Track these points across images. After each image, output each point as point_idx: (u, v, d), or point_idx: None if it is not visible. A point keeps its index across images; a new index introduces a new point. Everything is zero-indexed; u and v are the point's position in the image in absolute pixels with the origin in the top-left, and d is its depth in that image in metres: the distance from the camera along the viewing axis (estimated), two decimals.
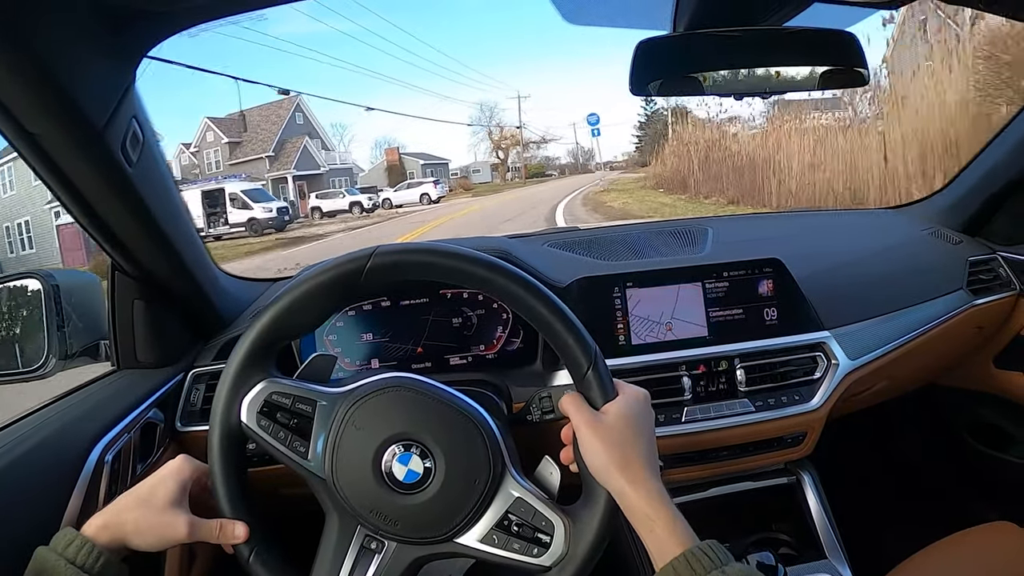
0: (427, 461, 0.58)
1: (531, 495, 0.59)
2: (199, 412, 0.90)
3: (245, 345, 0.60)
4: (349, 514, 0.59)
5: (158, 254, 0.81)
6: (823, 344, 0.96)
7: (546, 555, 0.58)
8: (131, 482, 0.79)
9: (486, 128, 48.23)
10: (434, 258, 0.60)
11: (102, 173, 0.68)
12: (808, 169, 8.34)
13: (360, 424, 0.59)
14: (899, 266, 1.10)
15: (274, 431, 0.59)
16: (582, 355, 0.59)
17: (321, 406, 0.60)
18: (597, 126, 31.08)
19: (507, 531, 0.58)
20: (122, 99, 0.67)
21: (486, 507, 0.59)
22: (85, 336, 0.86)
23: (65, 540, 0.56)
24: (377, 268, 0.59)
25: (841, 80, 0.88)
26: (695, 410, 0.91)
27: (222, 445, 0.59)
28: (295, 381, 0.61)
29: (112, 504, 0.60)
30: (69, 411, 0.78)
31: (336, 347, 0.93)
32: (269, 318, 0.60)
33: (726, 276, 0.95)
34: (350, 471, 0.58)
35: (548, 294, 0.60)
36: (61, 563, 0.54)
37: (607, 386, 0.60)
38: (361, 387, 0.60)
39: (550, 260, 1.01)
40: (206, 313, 0.93)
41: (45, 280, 0.84)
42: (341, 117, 69.42)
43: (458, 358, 0.94)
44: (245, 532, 0.59)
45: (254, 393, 0.59)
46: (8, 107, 0.57)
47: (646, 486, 0.56)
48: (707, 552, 0.52)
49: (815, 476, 1.01)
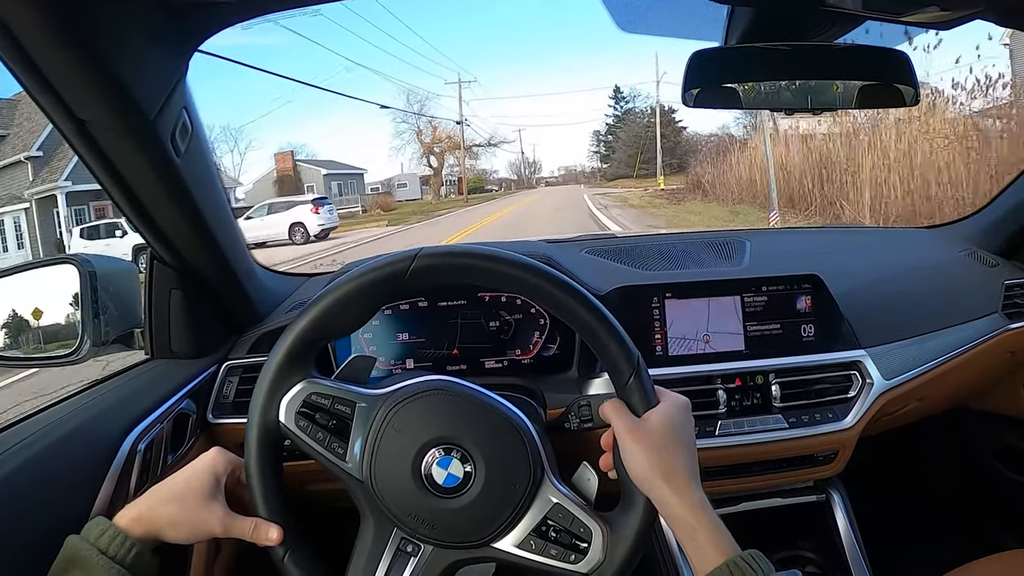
0: (467, 465, 0.58)
1: (569, 501, 0.59)
2: (231, 405, 0.90)
3: (286, 344, 0.60)
4: (386, 517, 0.58)
5: (199, 245, 0.81)
6: (859, 363, 0.95)
7: (583, 562, 0.57)
8: (162, 472, 0.78)
9: (413, 127, 36.22)
10: (477, 261, 0.59)
11: (150, 162, 0.68)
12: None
13: (400, 427, 0.58)
14: (935, 287, 1.09)
15: (312, 432, 0.58)
16: (625, 362, 0.59)
17: (360, 408, 0.59)
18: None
19: (544, 537, 0.58)
20: (174, 89, 0.67)
21: (524, 512, 0.58)
22: (120, 324, 0.86)
23: (98, 530, 0.55)
24: (421, 270, 0.59)
25: (891, 98, 0.87)
26: (729, 424, 0.91)
27: (260, 444, 0.59)
28: (334, 382, 0.61)
29: (145, 496, 0.60)
30: (103, 399, 0.78)
31: (371, 345, 0.92)
32: (311, 317, 0.59)
33: (765, 290, 0.94)
34: (389, 474, 0.58)
35: (591, 299, 0.59)
36: (93, 553, 0.53)
37: (649, 393, 0.59)
38: (401, 389, 0.60)
39: (589, 267, 1.00)
40: (242, 306, 0.92)
41: (82, 266, 0.83)
42: (236, 119, 57.14)
43: (493, 361, 0.94)
44: (279, 535, 0.59)
45: (293, 393, 0.59)
46: (60, 93, 0.57)
47: (689, 495, 0.55)
48: (750, 562, 0.51)
49: (844, 495, 1.00)
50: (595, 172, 47.21)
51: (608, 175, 41.10)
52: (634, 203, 16.85)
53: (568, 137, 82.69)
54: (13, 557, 0.56)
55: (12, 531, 0.57)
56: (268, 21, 15.54)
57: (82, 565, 0.53)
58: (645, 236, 1.26)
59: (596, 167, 47.84)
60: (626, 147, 38.80)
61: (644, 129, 36.27)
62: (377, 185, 35.99)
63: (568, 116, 78.37)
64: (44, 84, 0.55)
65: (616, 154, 40.73)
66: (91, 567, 0.53)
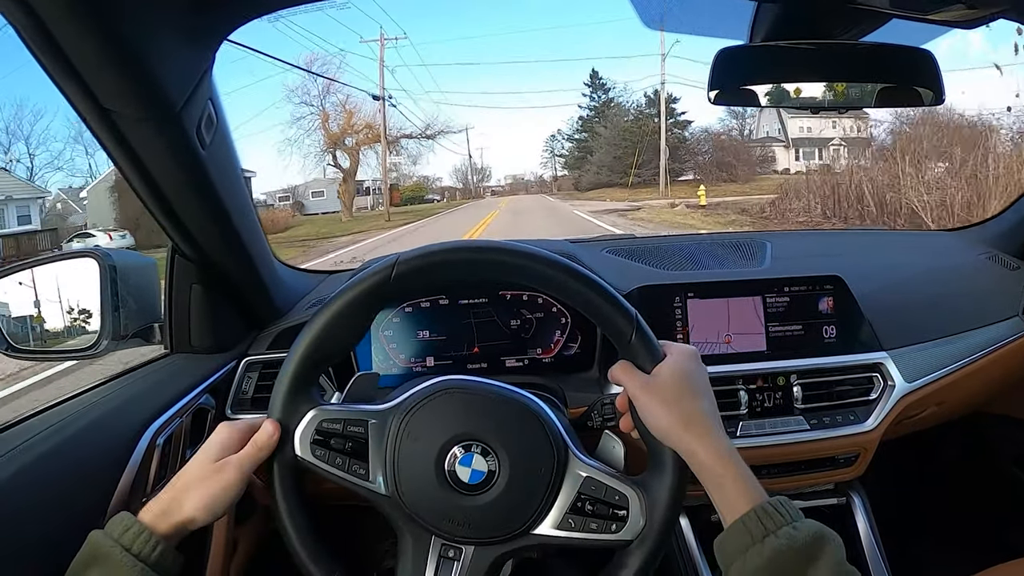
0: (489, 458, 0.58)
1: (599, 472, 0.59)
2: (250, 400, 0.89)
3: (287, 377, 0.59)
4: (420, 526, 0.58)
5: (220, 239, 0.81)
6: (881, 365, 0.94)
7: (624, 529, 0.57)
8: (180, 466, 0.78)
9: (319, 111, 23.53)
10: (457, 255, 0.59)
11: (175, 154, 0.68)
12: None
13: (415, 434, 0.58)
14: (956, 289, 1.08)
15: (331, 458, 0.58)
16: (623, 321, 0.59)
17: (372, 425, 0.59)
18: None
19: (582, 512, 0.58)
20: (201, 80, 0.67)
21: (556, 493, 0.58)
22: (139, 318, 0.85)
23: (122, 526, 0.54)
24: (403, 275, 0.59)
25: (915, 98, 0.87)
26: (750, 425, 0.90)
27: (283, 483, 0.59)
28: (342, 405, 0.61)
29: (166, 489, 0.59)
30: (122, 392, 0.78)
31: (391, 343, 0.92)
32: (306, 344, 0.59)
33: (787, 291, 0.93)
34: (414, 483, 0.58)
35: (579, 269, 0.59)
36: (117, 550, 0.52)
37: (654, 348, 0.59)
38: (409, 397, 0.60)
39: (611, 266, 1.00)
40: (262, 302, 0.92)
41: (102, 260, 0.83)
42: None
43: (514, 360, 0.93)
44: (275, 428, 0.58)
45: (304, 424, 0.59)
46: (86, 81, 0.57)
47: (714, 442, 0.55)
48: (778, 508, 0.51)
49: (865, 498, 1.00)
50: (552, 180, 38.63)
51: (584, 184, 31.93)
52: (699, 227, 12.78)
53: (521, 142, 75.99)
54: (31, 549, 0.56)
55: (30, 522, 0.57)
56: (296, 13, 14.69)
57: (105, 562, 0.52)
58: (666, 237, 1.26)
59: (553, 175, 39.08)
60: (609, 147, 29.77)
61: (634, 124, 29.22)
62: (286, 193, 27.53)
63: (526, 116, 69.66)
64: (70, 71, 0.55)
65: (595, 156, 31.36)
66: (114, 564, 0.52)
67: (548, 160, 40.12)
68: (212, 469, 0.58)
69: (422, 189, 34.51)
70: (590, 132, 33.81)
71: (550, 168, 39.97)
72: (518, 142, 68.93)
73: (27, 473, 0.59)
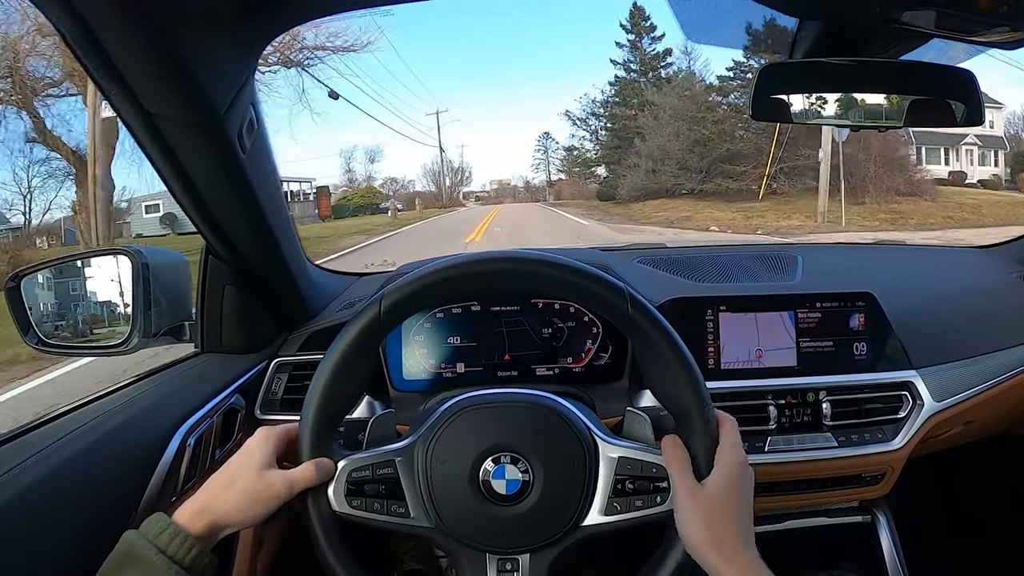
0: (520, 464, 0.58)
1: (632, 449, 0.59)
2: (279, 401, 0.90)
3: (305, 442, 0.59)
4: (473, 549, 0.58)
5: (255, 241, 0.81)
6: (910, 383, 0.94)
7: (670, 498, 0.57)
8: (209, 467, 0.78)
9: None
10: (436, 276, 0.59)
11: (216, 158, 0.68)
12: None
13: (443, 458, 0.59)
14: (986, 308, 1.08)
15: (369, 505, 0.58)
16: (615, 298, 0.59)
17: (400, 462, 0.59)
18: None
19: (624, 493, 0.58)
20: (244, 84, 0.67)
21: (594, 481, 0.58)
22: (170, 316, 0.86)
23: (157, 527, 0.54)
24: (391, 309, 0.59)
25: (953, 118, 0.87)
26: (778, 440, 0.89)
27: (328, 540, 0.58)
28: (367, 450, 0.61)
29: (203, 489, 0.59)
30: (154, 391, 0.78)
31: (422, 348, 0.92)
32: (316, 405, 0.60)
33: (819, 307, 0.93)
34: (454, 507, 0.58)
35: (557, 258, 0.59)
36: (152, 552, 0.52)
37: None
38: (429, 426, 0.60)
39: (642, 276, 1.00)
40: (293, 303, 0.92)
41: (135, 257, 0.83)
42: None
43: (545, 369, 0.93)
44: (330, 464, 0.59)
45: (334, 479, 0.59)
46: (130, 84, 0.57)
47: (739, 560, 0.55)
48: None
49: (890, 517, 0.99)
50: (544, 187, 30.46)
51: (622, 190, 19.07)
52: None
53: (508, 140, 66.14)
54: (62, 547, 0.56)
55: (62, 521, 0.57)
56: (343, 19, 13.33)
57: (140, 563, 0.52)
58: (697, 247, 1.25)
59: (548, 179, 30.37)
60: (676, 128, 17.41)
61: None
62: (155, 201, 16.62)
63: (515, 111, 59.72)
64: (114, 74, 0.55)
65: (644, 143, 18.30)
66: (149, 565, 0.52)
67: (541, 163, 31.31)
68: (262, 480, 0.58)
69: (375, 196, 24.85)
70: (632, 103, 20.76)
71: (540, 172, 31.52)
72: (503, 141, 60.36)
73: (62, 471, 0.59)
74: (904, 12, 0.81)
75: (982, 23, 0.80)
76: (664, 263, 1.07)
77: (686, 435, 0.59)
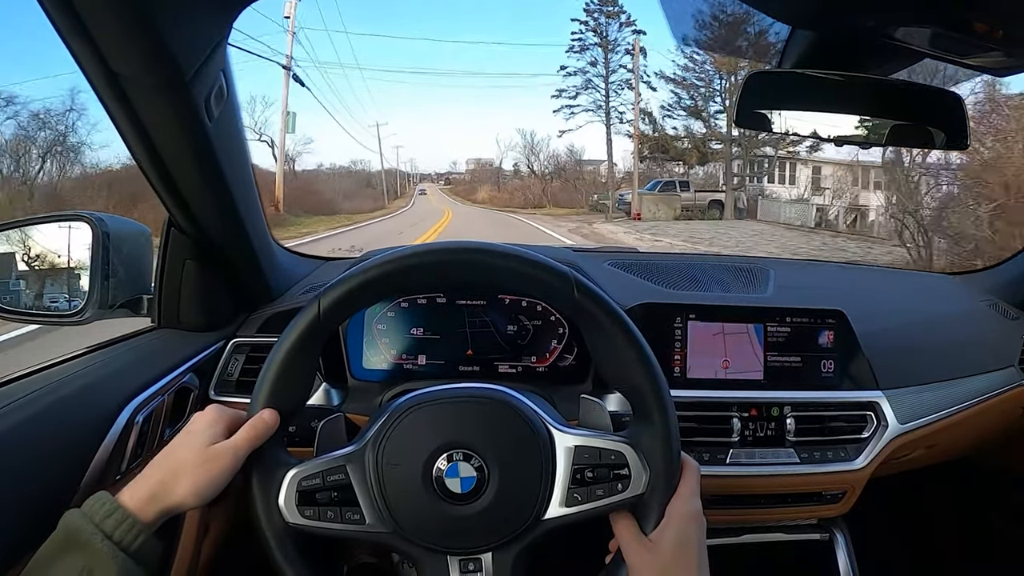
0: (474, 460, 0.56)
1: (588, 437, 0.58)
2: (235, 383, 0.87)
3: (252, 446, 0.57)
4: (432, 551, 0.56)
5: (219, 215, 0.78)
6: (876, 404, 0.94)
7: (631, 484, 0.56)
8: (157, 446, 0.76)
9: None
10: (381, 271, 0.57)
11: (182, 123, 0.66)
12: None
13: (395, 460, 0.57)
14: (955, 335, 1.08)
15: (322, 514, 0.56)
16: (559, 281, 0.57)
17: (351, 467, 0.57)
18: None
19: (584, 482, 0.57)
20: (215, 50, 0.65)
21: (552, 472, 0.57)
22: (128, 288, 0.83)
23: (103, 510, 0.51)
24: (331, 309, 0.57)
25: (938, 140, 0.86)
26: (740, 453, 0.89)
27: (283, 553, 0.56)
28: (315, 459, 0.59)
29: (150, 472, 0.55)
30: (105, 364, 0.75)
31: (384, 337, 0.90)
32: (262, 407, 0.57)
33: (788, 322, 0.92)
34: (409, 510, 0.56)
35: (499, 246, 0.58)
36: (97, 537, 0.49)
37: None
38: (378, 428, 0.58)
39: (613, 279, 0.99)
40: (256, 282, 0.90)
41: (96, 225, 0.81)
42: None
43: (508, 366, 0.91)
44: (272, 416, 0.57)
45: (284, 489, 0.56)
46: (97, 44, 0.54)
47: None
48: None
49: (847, 536, 0.99)
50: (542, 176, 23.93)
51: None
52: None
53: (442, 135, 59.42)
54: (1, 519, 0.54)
55: (1, 492, 0.54)
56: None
57: (85, 549, 0.49)
58: (669, 254, 1.24)
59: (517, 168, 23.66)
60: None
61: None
62: None
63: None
64: (80, 29, 0.52)
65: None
66: (94, 552, 0.49)
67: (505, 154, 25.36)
68: (207, 455, 0.55)
69: None
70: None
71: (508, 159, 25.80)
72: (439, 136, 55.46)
73: (2, 440, 0.57)
74: (899, 28, 0.79)
75: (976, 46, 0.79)
76: (636, 268, 1.06)
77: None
